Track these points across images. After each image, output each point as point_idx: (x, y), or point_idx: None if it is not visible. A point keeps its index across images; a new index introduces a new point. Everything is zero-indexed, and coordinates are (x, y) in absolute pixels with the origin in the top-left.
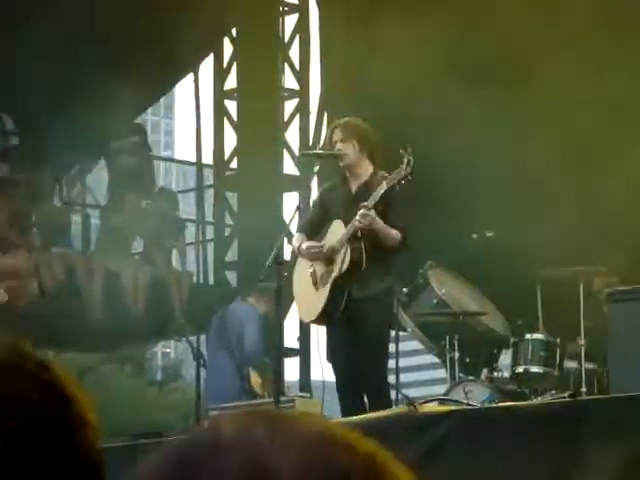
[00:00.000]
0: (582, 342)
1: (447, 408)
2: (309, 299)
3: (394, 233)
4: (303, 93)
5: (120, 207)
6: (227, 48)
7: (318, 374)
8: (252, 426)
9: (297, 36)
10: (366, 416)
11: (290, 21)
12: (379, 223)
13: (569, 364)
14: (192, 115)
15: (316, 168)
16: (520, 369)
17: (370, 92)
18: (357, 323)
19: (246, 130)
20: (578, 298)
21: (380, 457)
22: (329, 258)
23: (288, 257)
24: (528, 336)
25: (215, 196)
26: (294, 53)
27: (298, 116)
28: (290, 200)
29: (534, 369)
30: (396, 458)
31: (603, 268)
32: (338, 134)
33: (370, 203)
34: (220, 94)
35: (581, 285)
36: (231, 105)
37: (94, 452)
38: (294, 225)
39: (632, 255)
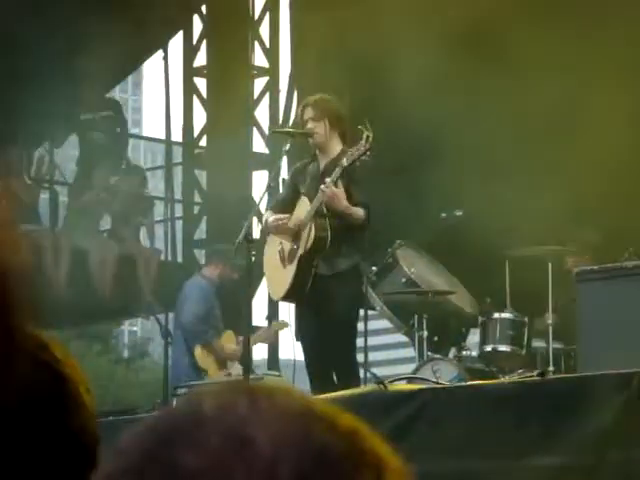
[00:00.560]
0: (550, 321)
1: (415, 387)
2: (277, 277)
3: (356, 210)
4: (273, 71)
5: (89, 184)
6: (197, 25)
7: (288, 353)
8: (233, 400)
9: (267, 14)
10: (335, 394)
11: None
12: (341, 200)
13: (537, 343)
14: (161, 92)
15: (286, 146)
16: (488, 348)
17: (340, 69)
18: (324, 300)
19: (215, 108)
20: (547, 277)
21: (361, 432)
22: (296, 235)
23: (257, 236)
24: (496, 315)
25: (184, 174)
26: (264, 31)
27: (268, 94)
28: (260, 178)
29: (502, 348)
30: (376, 433)
31: (573, 248)
32: (309, 112)
33: (332, 178)
34: (189, 71)
35: (550, 264)
36: (200, 82)
37: (87, 433)
38: (264, 204)
39: (602, 233)
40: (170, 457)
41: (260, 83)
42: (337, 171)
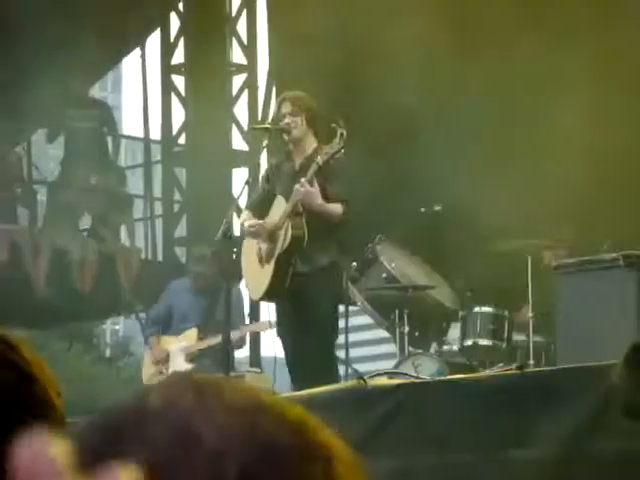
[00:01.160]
0: (530, 315)
1: (396, 381)
2: (256, 276)
3: (333, 207)
4: (251, 68)
5: (69, 183)
6: (174, 22)
7: (269, 350)
8: (179, 394)
9: (244, 10)
10: (315, 390)
11: None
12: (316, 198)
13: (517, 337)
14: (139, 90)
15: (265, 142)
16: (469, 342)
17: (317, 66)
18: (303, 297)
19: (194, 105)
20: (527, 271)
21: (309, 425)
22: (272, 235)
23: (238, 233)
24: (477, 309)
25: (163, 172)
26: (241, 28)
27: (246, 91)
28: (239, 175)
29: (483, 342)
30: (329, 427)
31: (552, 241)
32: (287, 107)
33: (308, 177)
34: (167, 69)
35: (529, 258)
36: (178, 80)
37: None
38: (243, 200)
39: (580, 225)
40: (118, 454)
41: (238, 80)
42: (312, 169)
